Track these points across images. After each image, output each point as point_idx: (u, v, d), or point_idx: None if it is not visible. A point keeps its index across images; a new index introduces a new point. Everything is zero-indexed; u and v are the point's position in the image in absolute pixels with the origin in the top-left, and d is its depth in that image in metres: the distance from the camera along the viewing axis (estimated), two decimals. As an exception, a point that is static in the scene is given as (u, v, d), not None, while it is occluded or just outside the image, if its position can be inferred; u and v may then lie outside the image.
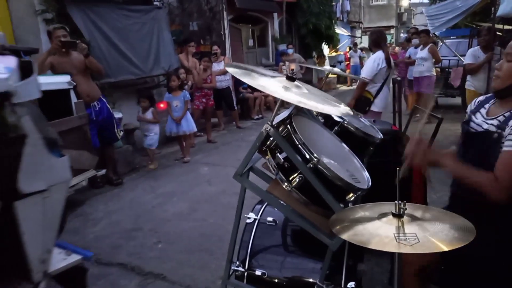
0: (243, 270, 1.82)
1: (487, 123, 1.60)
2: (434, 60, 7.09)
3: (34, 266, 1.87)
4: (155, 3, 7.75)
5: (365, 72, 4.46)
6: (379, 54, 4.34)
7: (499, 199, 1.43)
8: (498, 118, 1.56)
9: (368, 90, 4.46)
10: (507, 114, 1.54)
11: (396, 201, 1.21)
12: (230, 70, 1.44)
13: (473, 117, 1.69)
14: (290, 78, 1.52)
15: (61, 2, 5.82)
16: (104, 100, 4.96)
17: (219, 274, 2.58)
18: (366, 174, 1.74)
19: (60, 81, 4.40)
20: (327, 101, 1.62)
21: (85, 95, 4.63)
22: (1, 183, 1.69)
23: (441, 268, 1.76)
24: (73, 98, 4.42)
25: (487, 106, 1.67)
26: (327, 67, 2.07)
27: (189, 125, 6.02)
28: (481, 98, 1.74)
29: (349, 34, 21.47)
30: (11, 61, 1.72)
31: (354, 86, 8.50)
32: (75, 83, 4.54)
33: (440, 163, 1.54)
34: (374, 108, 4.46)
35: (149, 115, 5.67)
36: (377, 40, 4.46)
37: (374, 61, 4.35)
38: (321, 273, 1.64)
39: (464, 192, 1.63)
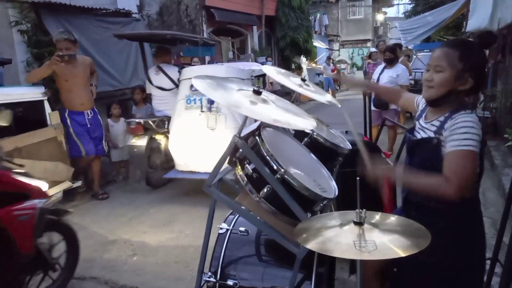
0: (214, 281, 1.83)
1: (426, 128, 1.69)
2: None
3: None
4: (134, 15, 7.76)
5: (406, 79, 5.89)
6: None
7: (453, 199, 1.48)
8: (433, 123, 1.65)
9: None
10: (441, 118, 1.62)
11: (357, 210, 1.26)
12: (196, 84, 1.47)
13: (416, 124, 1.78)
14: (257, 92, 1.56)
15: (37, 13, 5.78)
16: (96, 111, 4.93)
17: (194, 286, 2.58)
18: (333, 183, 1.79)
19: (34, 91, 4.36)
20: (294, 114, 1.66)
21: (79, 103, 4.67)
22: None
23: (393, 270, 1.84)
24: (48, 109, 4.38)
25: (426, 111, 1.77)
26: (296, 80, 2.12)
27: None
28: (422, 105, 1.83)
29: (327, 47, 21.90)
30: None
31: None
32: (49, 94, 4.48)
33: (389, 177, 1.62)
34: (394, 106, 5.69)
35: (121, 125, 5.56)
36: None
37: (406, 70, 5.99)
38: (290, 281, 1.67)
39: (414, 196, 1.71)
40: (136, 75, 7.19)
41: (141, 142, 4.82)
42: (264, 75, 5.75)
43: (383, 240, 1.19)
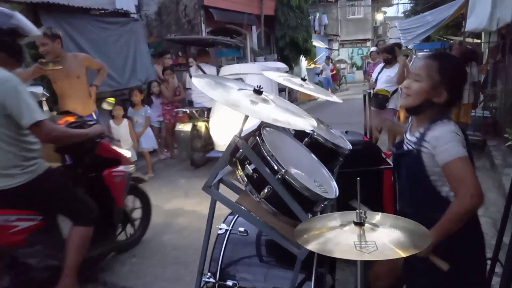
0: (214, 281, 1.82)
1: (409, 141, 1.73)
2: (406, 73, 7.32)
3: None
4: (132, 15, 7.75)
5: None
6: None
7: (476, 206, 1.52)
8: (415, 135, 1.70)
9: (386, 89, 5.60)
10: (421, 130, 1.67)
11: (357, 210, 1.25)
12: (196, 83, 1.46)
13: (404, 137, 1.81)
14: (257, 92, 1.55)
15: (35, 14, 5.77)
16: (97, 116, 4.37)
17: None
18: (334, 184, 1.78)
19: (32, 92, 4.34)
20: (294, 114, 1.65)
21: (71, 108, 3.94)
22: None
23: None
24: (45, 110, 4.36)
25: (410, 123, 1.81)
26: (296, 80, 2.12)
27: (147, 142, 5.97)
28: (411, 119, 1.87)
29: (327, 47, 21.91)
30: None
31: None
32: (48, 94, 4.39)
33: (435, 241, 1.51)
34: (392, 105, 5.71)
35: (123, 128, 5.54)
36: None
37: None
38: (290, 282, 1.66)
39: (409, 208, 1.73)
40: (135, 75, 7.18)
41: (186, 128, 5.92)
42: (287, 72, 7.12)
43: (384, 240, 1.18)
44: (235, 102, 1.48)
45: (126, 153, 3.24)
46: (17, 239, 2.35)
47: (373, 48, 11.99)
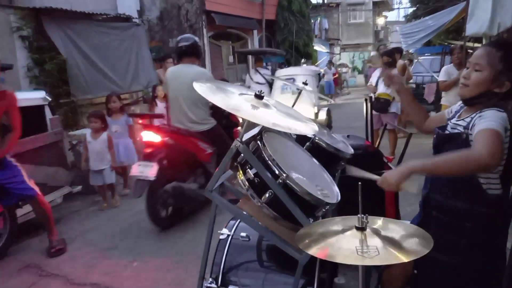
0: (215, 287, 1.81)
1: (457, 124, 1.66)
2: (406, 77, 7.32)
3: None
4: (134, 20, 7.79)
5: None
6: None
7: (488, 163, 1.38)
8: (465, 119, 1.63)
9: (389, 93, 5.79)
10: (473, 115, 1.59)
11: (359, 215, 1.25)
12: (197, 88, 1.47)
13: (448, 123, 1.76)
14: (258, 97, 1.55)
15: (37, 19, 5.80)
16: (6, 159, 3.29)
17: (195, 291, 2.56)
18: (335, 188, 1.78)
19: (34, 97, 4.36)
20: (295, 118, 1.66)
21: None
22: None
23: (414, 273, 1.81)
24: (48, 114, 4.38)
25: (460, 111, 1.75)
26: (298, 85, 2.12)
27: (128, 154, 5.04)
28: (456, 108, 1.81)
29: (328, 51, 21.95)
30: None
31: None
32: (50, 99, 4.35)
33: (417, 170, 1.49)
34: (393, 109, 5.92)
35: (99, 143, 4.60)
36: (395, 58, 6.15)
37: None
38: (292, 287, 1.65)
39: (439, 195, 1.68)
40: (137, 80, 7.20)
41: None
42: (319, 74, 9.67)
43: (385, 245, 1.18)
44: (236, 106, 1.48)
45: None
46: (207, 157, 4.16)
47: (373, 53, 12.01)
